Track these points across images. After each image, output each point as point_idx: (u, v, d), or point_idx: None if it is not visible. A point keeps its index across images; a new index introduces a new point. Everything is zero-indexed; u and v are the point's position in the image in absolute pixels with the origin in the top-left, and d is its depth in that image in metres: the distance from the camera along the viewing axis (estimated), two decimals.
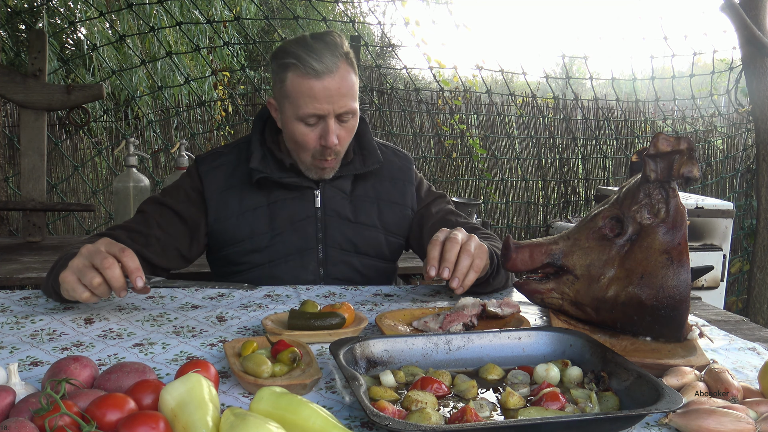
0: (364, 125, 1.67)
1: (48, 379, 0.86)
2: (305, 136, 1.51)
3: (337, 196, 1.64)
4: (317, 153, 1.54)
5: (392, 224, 1.68)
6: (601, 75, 7.52)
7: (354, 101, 1.52)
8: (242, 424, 0.69)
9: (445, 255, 1.29)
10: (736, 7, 3.96)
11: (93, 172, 4.44)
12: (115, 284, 1.17)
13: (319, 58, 1.45)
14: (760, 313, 4.23)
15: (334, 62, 1.46)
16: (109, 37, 5.66)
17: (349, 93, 1.49)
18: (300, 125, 1.51)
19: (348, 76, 1.49)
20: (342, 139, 1.54)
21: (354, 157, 1.66)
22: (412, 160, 1.78)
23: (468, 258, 1.29)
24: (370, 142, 1.68)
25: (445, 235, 1.33)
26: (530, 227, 5.12)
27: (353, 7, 7.57)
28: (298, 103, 1.48)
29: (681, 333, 1.12)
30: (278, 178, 1.59)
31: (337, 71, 1.46)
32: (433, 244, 1.32)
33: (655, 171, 1.13)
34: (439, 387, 0.92)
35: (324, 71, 1.45)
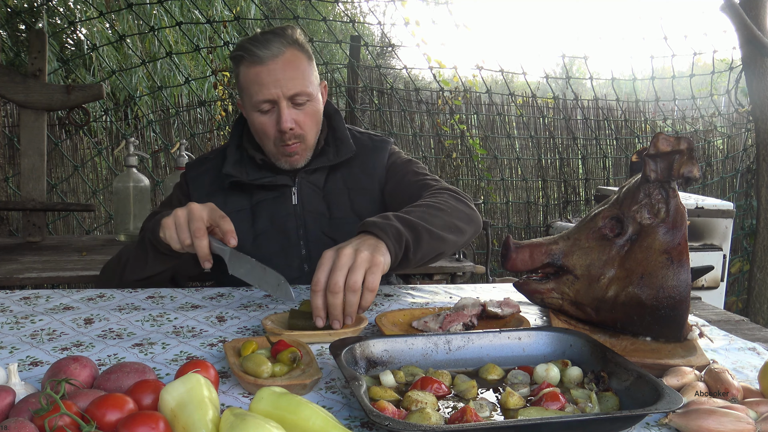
0: (337, 117, 1.71)
1: (48, 379, 0.86)
2: (263, 124, 1.56)
3: (313, 192, 1.65)
4: (277, 140, 1.57)
5: (365, 212, 1.66)
6: (601, 75, 7.52)
7: (308, 85, 1.55)
8: (242, 424, 0.69)
9: (333, 311, 1.14)
10: (736, 7, 3.96)
11: (93, 172, 4.44)
12: (199, 253, 1.26)
13: (264, 46, 1.51)
14: (760, 313, 4.23)
15: (280, 48, 1.52)
16: (109, 38, 5.66)
17: (298, 76, 1.53)
18: (257, 114, 1.55)
19: (297, 60, 1.54)
20: (302, 123, 1.56)
21: (328, 149, 1.67)
22: (389, 142, 1.76)
23: (354, 295, 1.13)
24: (344, 132, 1.69)
25: (324, 276, 1.14)
26: (530, 227, 5.13)
27: (353, 7, 7.57)
28: (250, 92, 1.54)
29: (681, 333, 1.12)
30: (251, 180, 1.62)
31: (282, 55, 1.51)
32: (313, 290, 1.15)
33: (655, 171, 1.13)
34: (439, 387, 0.92)
35: (268, 57, 1.50)
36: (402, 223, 1.28)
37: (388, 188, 1.69)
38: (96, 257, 2.46)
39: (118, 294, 1.43)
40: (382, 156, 1.72)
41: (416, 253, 1.31)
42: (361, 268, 1.14)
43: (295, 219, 1.64)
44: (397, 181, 1.68)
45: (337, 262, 1.14)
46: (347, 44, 4.55)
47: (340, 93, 4.56)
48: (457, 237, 1.43)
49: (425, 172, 1.69)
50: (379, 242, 1.21)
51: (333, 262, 1.15)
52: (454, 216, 1.45)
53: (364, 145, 1.72)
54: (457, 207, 1.48)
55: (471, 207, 1.54)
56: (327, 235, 1.64)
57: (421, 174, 1.68)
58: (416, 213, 1.37)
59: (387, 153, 1.73)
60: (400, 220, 1.29)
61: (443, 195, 1.51)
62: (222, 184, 1.65)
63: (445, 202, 1.47)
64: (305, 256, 1.64)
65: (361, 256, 1.15)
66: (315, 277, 1.15)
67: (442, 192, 1.54)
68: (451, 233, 1.41)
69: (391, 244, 1.22)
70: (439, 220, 1.39)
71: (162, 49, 4.82)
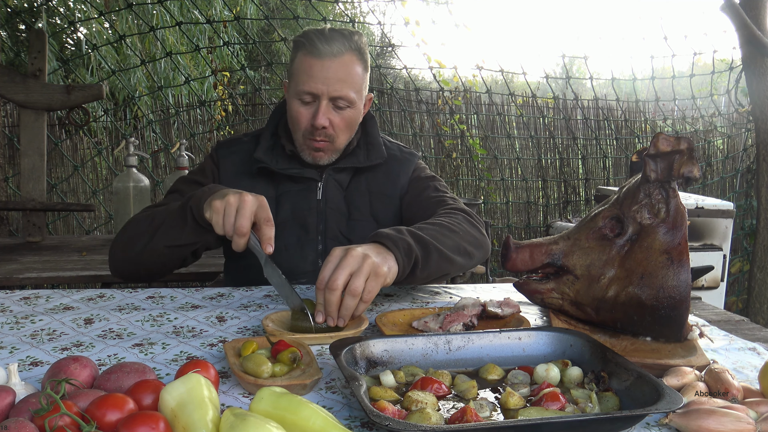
0: (372, 123, 1.73)
1: (48, 379, 0.86)
2: (299, 113, 1.57)
3: (336, 190, 1.67)
4: (307, 132, 1.58)
5: (384, 217, 1.68)
6: (601, 75, 7.51)
7: (353, 92, 1.56)
8: (242, 425, 0.69)
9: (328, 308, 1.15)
10: (736, 7, 3.96)
11: (93, 172, 4.44)
12: (235, 247, 1.25)
13: (327, 42, 1.53)
14: (760, 313, 4.23)
15: (340, 49, 1.53)
16: (109, 38, 5.66)
17: (348, 80, 1.55)
18: (296, 102, 1.57)
19: (352, 65, 1.55)
20: (335, 125, 1.57)
21: (359, 151, 1.68)
22: (417, 156, 1.79)
23: (353, 299, 1.14)
24: (377, 138, 1.71)
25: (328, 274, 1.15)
26: (530, 227, 5.13)
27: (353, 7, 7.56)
28: (298, 80, 1.56)
29: (681, 333, 1.12)
30: (279, 168, 1.63)
31: (340, 57, 1.53)
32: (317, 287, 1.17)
33: (655, 171, 1.13)
34: (439, 387, 0.92)
35: (327, 53, 1.52)
36: (414, 239, 1.29)
37: (407, 199, 1.71)
38: (96, 257, 2.46)
39: (118, 294, 1.43)
40: (407, 167, 1.74)
41: (423, 270, 1.31)
42: (364, 273, 1.14)
43: (317, 214, 1.65)
44: (416, 194, 1.70)
45: (343, 262, 1.14)
46: None
47: None
48: (464, 260, 1.44)
49: (445, 190, 1.72)
50: (389, 254, 1.21)
51: (339, 261, 1.15)
52: (465, 239, 1.46)
53: (392, 154, 1.74)
54: (469, 231, 1.50)
55: (482, 233, 1.56)
56: (343, 234, 1.65)
57: (441, 191, 1.70)
58: (429, 231, 1.37)
59: (413, 166, 1.75)
60: (413, 235, 1.30)
61: (458, 216, 1.53)
62: (251, 168, 1.65)
63: (459, 225, 1.48)
64: (321, 252, 1.64)
65: (367, 262, 1.15)
66: (320, 274, 1.15)
67: (457, 213, 1.55)
68: (460, 256, 1.42)
69: (400, 258, 1.22)
70: (451, 241, 1.40)
71: (162, 49, 4.82)
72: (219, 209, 1.27)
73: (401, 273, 1.23)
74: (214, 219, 1.28)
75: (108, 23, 5.24)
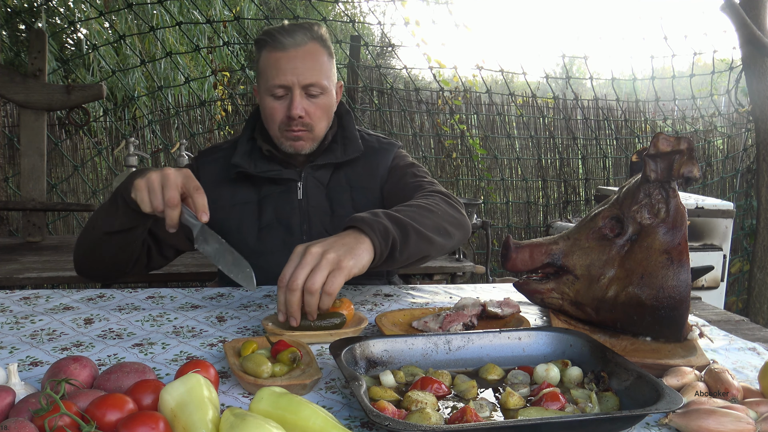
0: (348, 118, 1.73)
1: (48, 379, 0.86)
2: (273, 109, 1.58)
3: (317, 188, 1.67)
4: (283, 125, 1.58)
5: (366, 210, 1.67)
6: (601, 75, 7.52)
7: (324, 79, 1.58)
8: (242, 425, 0.69)
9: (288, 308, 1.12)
10: (736, 7, 3.96)
11: (93, 172, 4.44)
12: (168, 221, 1.23)
13: (288, 34, 1.55)
14: (760, 313, 4.23)
15: (303, 39, 1.56)
16: (108, 38, 5.66)
17: (316, 68, 1.56)
18: (269, 99, 1.58)
19: (317, 53, 1.57)
20: (311, 114, 1.58)
21: (336, 146, 1.68)
22: (396, 145, 1.77)
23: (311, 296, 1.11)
24: (353, 132, 1.71)
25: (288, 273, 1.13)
26: (530, 227, 5.12)
27: (353, 7, 7.57)
28: (267, 76, 1.57)
29: (681, 333, 1.12)
30: (257, 172, 1.63)
31: (304, 46, 1.56)
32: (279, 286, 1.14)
33: (655, 171, 1.13)
34: (439, 387, 0.92)
35: (291, 45, 1.55)
36: (391, 221, 1.27)
37: (387, 188, 1.70)
38: None
39: (118, 294, 1.43)
40: (386, 157, 1.73)
41: (403, 252, 1.28)
42: (324, 269, 1.11)
43: (300, 214, 1.65)
44: (395, 182, 1.69)
45: (302, 261, 1.12)
46: (347, 44, 4.55)
47: None
48: (444, 240, 1.41)
49: (424, 175, 1.69)
50: (361, 239, 1.18)
51: (300, 260, 1.13)
52: (443, 219, 1.43)
53: (371, 146, 1.73)
54: (447, 210, 1.47)
55: (461, 212, 1.54)
56: (328, 231, 1.65)
57: (419, 176, 1.68)
58: (406, 212, 1.35)
59: (392, 155, 1.74)
60: (389, 217, 1.28)
61: (435, 197, 1.51)
62: (231, 174, 1.66)
63: (436, 205, 1.46)
64: None
65: (327, 258, 1.12)
66: (281, 274, 1.13)
67: (434, 194, 1.53)
68: (440, 236, 1.40)
69: (377, 241, 1.20)
70: (429, 221, 1.38)
71: (162, 49, 4.82)
72: (142, 187, 1.25)
73: (378, 257, 1.20)
74: (139, 197, 1.26)
75: (108, 23, 5.24)
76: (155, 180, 1.24)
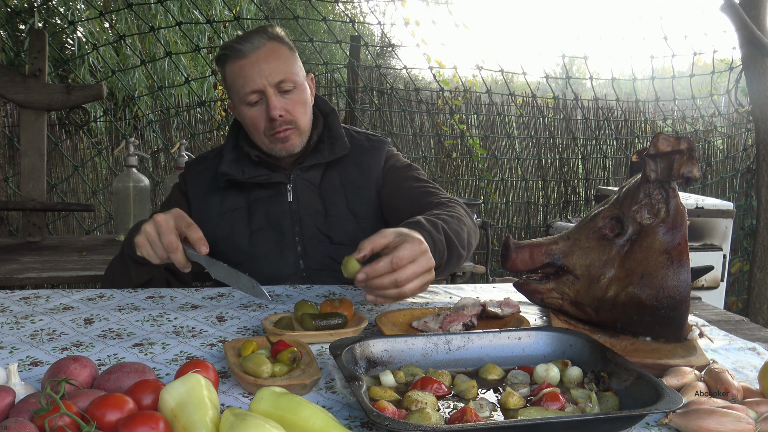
0: (333, 116, 1.73)
1: (48, 379, 0.86)
2: (253, 117, 1.59)
3: (308, 190, 1.67)
4: (268, 129, 1.59)
5: (361, 210, 1.67)
6: (601, 75, 7.51)
7: (292, 73, 1.59)
8: (242, 425, 0.69)
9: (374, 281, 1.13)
10: (736, 7, 3.96)
11: (93, 172, 4.44)
12: (178, 265, 1.27)
13: (245, 41, 1.57)
14: (760, 313, 4.23)
15: (261, 41, 1.58)
16: (109, 38, 5.66)
17: (281, 64, 1.58)
18: (246, 108, 1.59)
19: (278, 51, 1.59)
20: (291, 110, 1.59)
21: (323, 146, 1.68)
22: (386, 143, 1.77)
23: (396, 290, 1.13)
24: (339, 130, 1.71)
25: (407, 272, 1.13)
26: (530, 227, 5.12)
27: (353, 7, 7.57)
28: (237, 87, 1.58)
29: (681, 333, 1.12)
30: (246, 178, 1.64)
31: (263, 47, 1.58)
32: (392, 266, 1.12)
33: (655, 171, 1.13)
34: (439, 387, 0.92)
35: (250, 49, 1.56)
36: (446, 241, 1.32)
37: (386, 191, 1.70)
38: (96, 257, 2.46)
39: (118, 294, 1.43)
40: (378, 156, 1.72)
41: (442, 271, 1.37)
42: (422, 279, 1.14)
43: (291, 216, 1.65)
44: (396, 185, 1.69)
45: (419, 261, 1.13)
46: (347, 44, 4.55)
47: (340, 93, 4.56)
48: (467, 254, 1.47)
49: (426, 179, 1.71)
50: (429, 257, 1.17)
51: (416, 257, 1.13)
52: (470, 235, 1.48)
53: (360, 145, 1.73)
54: (471, 226, 1.52)
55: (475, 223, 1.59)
56: (322, 231, 1.65)
57: (422, 180, 1.69)
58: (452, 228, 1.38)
59: (384, 153, 1.73)
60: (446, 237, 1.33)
61: (457, 208, 1.52)
62: (219, 183, 1.67)
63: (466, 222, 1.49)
64: (300, 253, 1.65)
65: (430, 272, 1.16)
66: (398, 253, 1.11)
67: (455, 205, 1.54)
68: (465, 250, 1.45)
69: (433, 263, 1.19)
70: (462, 238, 1.42)
71: (162, 49, 4.82)
72: (143, 243, 1.29)
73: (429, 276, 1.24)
74: (146, 253, 1.30)
75: (108, 23, 5.24)
76: (151, 232, 1.27)
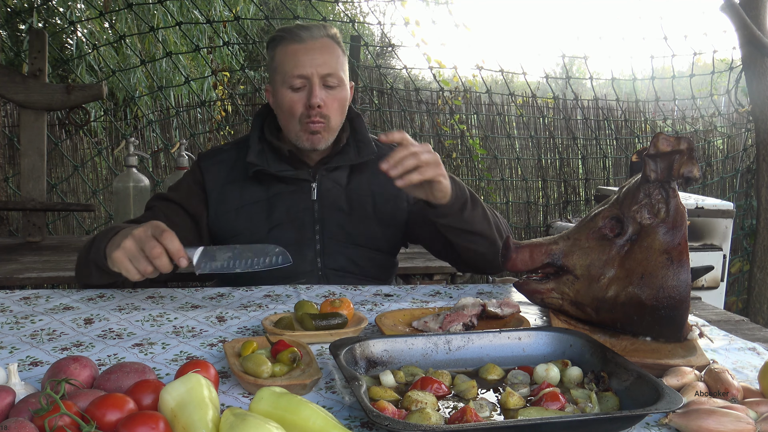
0: (359, 121, 1.74)
1: (48, 379, 0.86)
2: (292, 101, 1.59)
3: (334, 189, 1.67)
4: (303, 116, 1.59)
5: (388, 216, 1.69)
6: (601, 75, 7.51)
7: (341, 72, 1.61)
8: (242, 425, 0.69)
9: (393, 154, 1.36)
10: (736, 7, 3.96)
11: (93, 172, 4.44)
12: (164, 271, 1.25)
13: (305, 29, 1.60)
14: (760, 313, 4.23)
15: (319, 33, 1.61)
16: (109, 38, 5.65)
17: (333, 60, 1.60)
18: (287, 91, 1.59)
19: (333, 48, 1.62)
20: (329, 105, 1.60)
21: (349, 148, 1.69)
22: None
23: (413, 159, 1.35)
24: (365, 134, 1.73)
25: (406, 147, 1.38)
26: (530, 227, 5.12)
27: (353, 7, 7.56)
28: (285, 69, 1.59)
29: (681, 333, 1.12)
30: (275, 171, 1.63)
31: (321, 39, 1.60)
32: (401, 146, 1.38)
33: (655, 171, 1.13)
34: (439, 387, 0.92)
35: (308, 38, 1.59)
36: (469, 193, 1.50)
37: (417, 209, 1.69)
38: None
39: (118, 294, 1.43)
40: None
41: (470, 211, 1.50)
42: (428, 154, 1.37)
43: (313, 213, 1.65)
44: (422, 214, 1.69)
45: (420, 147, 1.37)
46: (347, 44, 4.55)
47: None
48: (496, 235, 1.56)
49: None
50: None
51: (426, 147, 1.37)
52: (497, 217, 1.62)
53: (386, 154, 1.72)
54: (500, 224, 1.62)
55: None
56: (344, 230, 1.65)
57: None
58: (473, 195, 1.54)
59: None
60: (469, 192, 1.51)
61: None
62: (239, 174, 1.66)
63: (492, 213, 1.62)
64: (319, 251, 1.64)
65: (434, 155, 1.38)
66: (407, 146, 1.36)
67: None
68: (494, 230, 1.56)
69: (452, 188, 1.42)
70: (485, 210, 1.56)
71: (162, 49, 4.82)
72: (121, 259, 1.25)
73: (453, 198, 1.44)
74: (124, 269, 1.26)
75: (108, 23, 5.24)
76: (132, 247, 1.24)
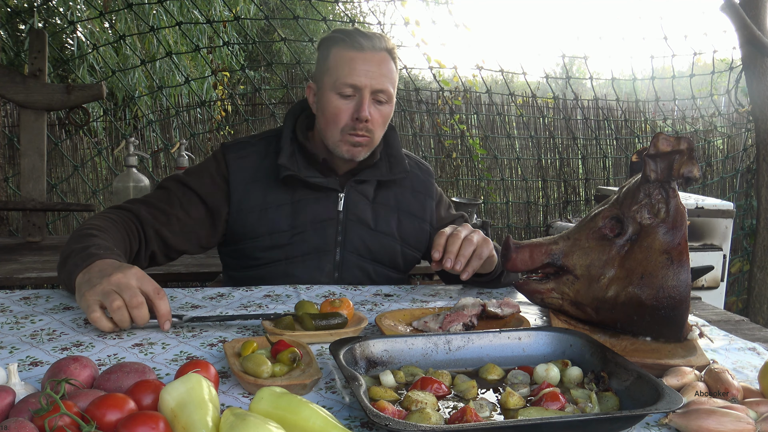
0: (393, 134, 1.70)
1: (48, 379, 0.86)
2: (338, 108, 1.52)
3: (360, 201, 1.63)
4: (348, 127, 1.53)
5: (410, 236, 1.68)
6: (601, 75, 7.52)
7: (392, 88, 1.55)
8: (242, 424, 0.69)
9: (449, 247, 1.38)
10: (736, 7, 3.96)
11: (93, 172, 4.44)
12: (140, 323, 1.14)
13: (366, 37, 1.53)
14: (760, 313, 4.23)
15: (380, 44, 1.54)
16: (108, 38, 5.65)
17: (388, 75, 1.54)
18: (335, 97, 1.52)
19: (390, 64, 1.56)
20: (375, 120, 1.54)
21: (381, 163, 1.65)
22: (433, 174, 1.79)
23: (470, 246, 1.39)
24: (399, 150, 1.69)
25: (450, 230, 1.42)
26: (530, 227, 5.12)
27: (353, 7, 7.57)
28: (338, 73, 1.51)
29: (681, 333, 1.12)
30: (305, 176, 1.57)
31: (380, 52, 1.53)
32: (439, 235, 1.41)
33: (655, 171, 1.13)
34: (439, 387, 0.92)
35: (369, 47, 1.52)
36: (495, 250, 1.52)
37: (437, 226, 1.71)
38: None
39: None
40: (430, 189, 1.75)
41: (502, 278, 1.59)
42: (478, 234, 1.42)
43: (337, 224, 1.60)
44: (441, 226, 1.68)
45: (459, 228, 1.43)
46: None
47: None
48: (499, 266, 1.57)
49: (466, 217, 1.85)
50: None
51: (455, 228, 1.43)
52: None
53: (413, 172, 1.72)
54: None
55: None
56: (366, 244, 1.62)
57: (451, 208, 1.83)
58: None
59: (434, 189, 1.76)
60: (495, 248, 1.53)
61: None
62: (265, 173, 1.59)
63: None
64: (338, 263, 1.61)
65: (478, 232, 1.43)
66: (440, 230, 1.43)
67: None
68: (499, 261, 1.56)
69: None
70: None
71: (161, 49, 4.82)
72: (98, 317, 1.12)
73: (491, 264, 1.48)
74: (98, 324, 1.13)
75: (108, 23, 5.25)
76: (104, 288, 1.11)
